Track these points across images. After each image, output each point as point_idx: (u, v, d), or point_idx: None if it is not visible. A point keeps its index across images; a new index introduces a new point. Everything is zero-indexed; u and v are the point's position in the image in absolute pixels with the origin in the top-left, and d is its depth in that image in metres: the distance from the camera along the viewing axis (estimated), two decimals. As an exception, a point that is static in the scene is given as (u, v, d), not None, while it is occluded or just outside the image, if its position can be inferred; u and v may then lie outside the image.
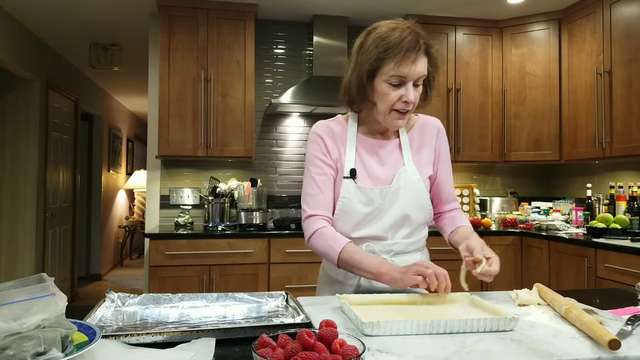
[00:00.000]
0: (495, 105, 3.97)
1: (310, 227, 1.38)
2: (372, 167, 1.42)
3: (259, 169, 3.97)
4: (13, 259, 4.41)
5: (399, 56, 1.27)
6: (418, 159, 1.46)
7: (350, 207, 1.39)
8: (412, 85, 1.31)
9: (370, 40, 1.32)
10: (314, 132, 1.47)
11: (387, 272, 1.24)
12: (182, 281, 3.14)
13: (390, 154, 1.44)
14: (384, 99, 1.33)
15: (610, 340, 0.87)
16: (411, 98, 1.31)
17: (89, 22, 4.08)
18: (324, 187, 1.41)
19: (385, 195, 1.39)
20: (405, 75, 1.29)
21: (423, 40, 1.30)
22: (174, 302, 1.19)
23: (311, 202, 1.40)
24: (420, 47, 1.28)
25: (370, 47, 1.31)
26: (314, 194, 1.40)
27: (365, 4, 3.62)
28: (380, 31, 1.32)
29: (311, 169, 1.43)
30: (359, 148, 1.44)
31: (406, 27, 1.30)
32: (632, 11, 3.11)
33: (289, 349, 0.72)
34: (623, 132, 3.16)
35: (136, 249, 8.62)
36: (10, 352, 0.70)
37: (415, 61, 1.28)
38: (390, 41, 1.28)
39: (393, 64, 1.28)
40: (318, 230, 1.36)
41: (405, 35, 1.28)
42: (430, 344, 0.93)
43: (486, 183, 4.36)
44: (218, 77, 3.53)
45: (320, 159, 1.43)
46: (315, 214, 1.39)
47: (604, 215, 3.07)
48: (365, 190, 1.39)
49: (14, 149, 4.45)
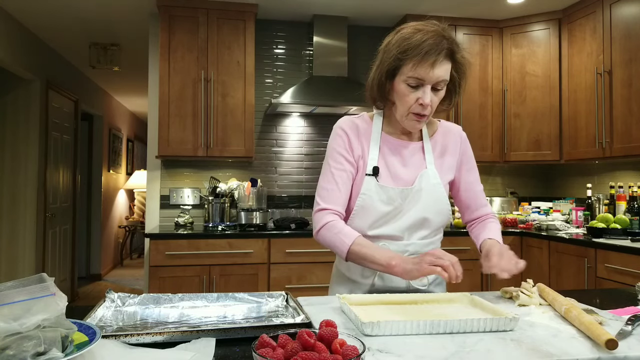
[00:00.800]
0: (495, 105, 3.97)
1: (321, 220, 1.37)
2: (395, 167, 1.42)
3: (259, 169, 3.97)
4: (13, 259, 4.41)
5: (417, 58, 1.26)
6: (440, 163, 1.46)
7: (370, 204, 1.38)
8: (430, 89, 1.30)
9: (394, 40, 1.33)
10: (340, 126, 1.46)
11: (399, 264, 1.23)
12: (182, 281, 3.14)
13: (413, 155, 1.44)
14: (402, 100, 1.34)
15: (608, 340, 0.88)
16: (426, 101, 1.30)
17: (89, 22, 4.08)
18: (341, 183, 1.40)
19: (407, 196, 1.39)
20: (423, 78, 1.28)
21: (447, 45, 1.28)
22: (174, 302, 1.19)
23: (326, 196, 1.39)
24: (441, 51, 1.27)
25: (392, 46, 1.32)
26: (330, 189, 1.40)
27: (365, 4, 3.62)
28: (405, 32, 1.32)
29: (331, 163, 1.42)
30: (382, 147, 1.44)
31: (431, 30, 1.29)
32: (632, 11, 3.11)
33: (289, 349, 0.72)
34: (623, 132, 3.16)
35: (136, 249, 8.62)
36: (10, 352, 0.70)
37: (434, 65, 1.27)
38: (411, 42, 1.28)
39: (411, 65, 1.28)
40: (329, 223, 1.36)
41: (428, 37, 1.27)
42: (431, 344, 0.93)
43: (486, 183, 4.36)
44: (218, 77, 3.53)
45: (342, 155, 1.42)
46: (327, 207, 1.38)
47: (604, 215, 3.07)
48: (386, 189, 1.39)
49: (14, 149, 4.45)
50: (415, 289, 1.41)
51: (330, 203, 1.39)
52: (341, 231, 1.34)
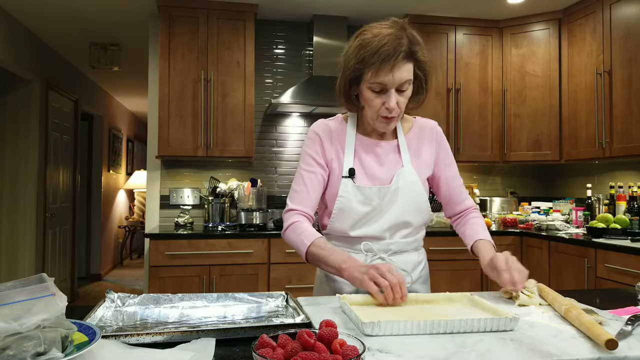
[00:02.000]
0: (495, 105, 3.97)
1: (287, 221, 1.40)
2: (371, 167, 1.43)
3: (259, 169, 3.97)
4: (13, 259, 4.41)
5: (375, 65, 1.27)
6: (416, 160, 1.46)
7: (348, 206, 1.40)
8: (394, 92, 1.31)
9: (352, 48, 1.33)
10: (313, 130, 1.48)
11: (348, 269, 1.23)
12: (182, 281, 3.14)
13: (388, 154, 1.45)
14: (369, 105, 1.35)
15: (608, 340, 0.88)
16: (391, 105, 1.30)
17: (89, 22, 4.08)
18: (310, 186, 1.42)
19: (384, 195, 1.39)
20: (385, 83, 1.29)
21: (405, 47, 1.27)
22: (174, 302, 1.19)
23: (294, 198, 1.42)
24: (398, 54, 1.26)
25: (351, 55, 1.33)
26: (299, 191, 1.42)
27: (365, 4, 3.62)
28: (361, 38, 1.32)
29: (302, 165, 1.45)
30: (357, 148, 1.45)
31: (387, 34, 1.28)
32: (632, 11, 3.11)
33: (289, 349, 0.72)
34: (623, 132, 3.16)
35: (136, 249, 8.62)
36: (10, 352, 0.70)
37: (393, 69, 1.27)
38: (367, 50, 1.28)
39: (371, 72, 1.29)
40: (293, 224, 1.38)
41: (384, 42, 1.26)
42: (431, 344, 0.93)
43: (486, 183, 4.36)
44: (218, 77, 3.53)
45: (313, 157, 1.44)
46: (295, 208, 1.41)
47: (604, 215, 3.07)
48: (363, 190, 1.39)
49: (14, 149, 4.45)
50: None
51: (298, 204, 1.41)
52: (303, 232, 1.35)
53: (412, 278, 1.45)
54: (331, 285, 1.46)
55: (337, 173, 1.43)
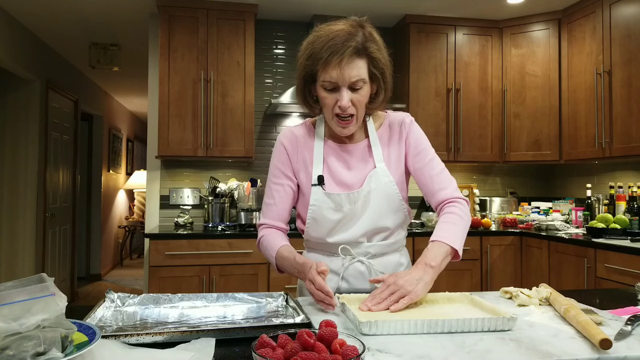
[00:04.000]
0: (495, 105, 3.97)
1: (258, 235, 1.45)
2: (339, 173, 1.39)
3: (258, 169, 3.97)
4: (13, 259, 4.41)
5: (322, 61, 1.24)
6: (388, 158, 1.41)
7: (320, 214, 1.37)
8: (346, 90, 1.26)
9: (303, 46, 1.31)
10: (279, 140, 1.45)
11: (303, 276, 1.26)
12: (182, 281, 3.14)
13: (358, 157, 1.40)
14: (323, 104, 1.32)
15: (602, 339, 0.88)
16: (343, 103, 1.25)
17: (89, 22, 4.08)
18: (277, 198, 1.43)
19: (355, 200, 1.36)
20: (335, 80, 1.25)
21: (358, 42, 1.24)
22: (173, 302, 1.19)
23: (265, 211, 1.45)
24: (346, 49, 1.22)
25: (302, 53, 1.31)
26: (268, 204, 1.44)
27: (365, 4, 3.62)
28: (312, 35, 1.30)
29: (271, 178, 1.45)
30: (325, 154, 1.41)
31: (338, 29, 1.25)
32: (632, 11, 3.11)
33: (289, 349, 0.72)
34: (623, 132, 3.16)
35: (136, 249, 8.62)
36: (10, 352, 0.70)
37: (341, 63, 1.22)
38: (315, 46, 1.26)
39: (320, 69, 1.26)
40: (261, 239, 1.43)
41: (332, 37, 1.24)
42: (430, 343, 0.93)
43: (486, 183, 4.36)
44: (218, 77, 3.53)
45: (280, 169, 1.43)
46: (264, 222, 1.45)
47: (604, 216, 3.07)
48: (332, 197, 1.36)
49: (14, 149, 4.45)
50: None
51: (267, 218, 1.44)
52: (268, 245, 1.40)
53: None
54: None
55: (305, 182, 1.40)
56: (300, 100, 1.39)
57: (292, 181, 1.43)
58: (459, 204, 1.36)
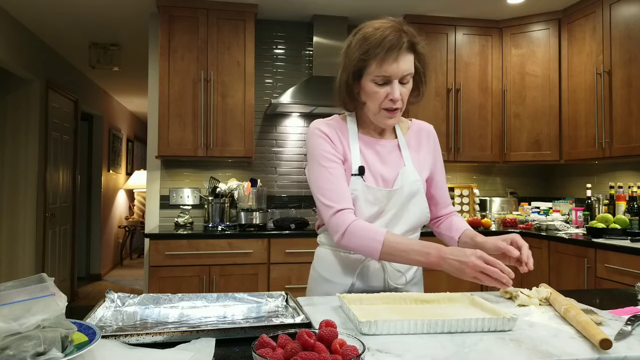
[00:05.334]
0: (495, 105, 3.97)
1: (343, 222, 1.29)
2: (375, 166, 1.42)
3: (259, 169, 3.97)
4: (13, 259, 4.41)
5: (380, 56, 1.28)
6: (417, 160, 1.47)
7: (357, 204, 1.37)
8: (397, 83, 1.32)
9: (355, 42, 1.34)
10: (317, 128, 1.41)
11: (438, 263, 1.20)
12: (182, 281, 3.14)
13: (391, 153, 1.45)
14: (372, 98, 1.35)
15: (602, 339, 0.88)
16: (396, 96, 1.31)
17: (89, 22, 4.08)
18: (342, 181, 1.35)
19: (391, 197, 1.39)
20: (389, 74, 1.30)
21: (407, 38, 1.30)
22: (173, 302, 1.19)
23: (335, 197, 1.32)
24: (402, 44, 1.29)
25: (354, 48, 1.33)
26: (336, 189, 1.33)
27: (365, 4, 3.62)
28: (363, 32, 1.33)
29: (324, 163, 1.36)
30: (361, 146, 1.43)
31: (389, 26, 1.31)
32: (632, 11, 3.11)
33: (289, 349, 0.72)
34: (623, 132, 3.16)
35: (136, 249, 8.62)
36: (10, 352, 0.70)
37: (398, 59, 1.29)
38: (372, 42, 1.29)
39: (375, 63, 1.30)
40: (352, 225, 1.29)
41: (387, 34, 1.29)
42: (430, 344, 0.93)
43: (486, 183, 4.36)
44: (218, 78, 3.53)
45: (332, 153, 1.38)
46: (343, 207, 1.31)
47: (604, 216, 3.07)
48: (373, 190, 1.38)
49: (14, 149, 4.45)
50: (395, 288, 1.41)
51: (342, 202, 1.32)
52: (367, 231, 1.28)
53: (407, 279, 1.45)
54: (325, 287, 1.45)
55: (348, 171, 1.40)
56: (345, 95, 1.40)
57: (343, 162, 1.40)
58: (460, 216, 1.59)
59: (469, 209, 4.05)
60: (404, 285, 1.43)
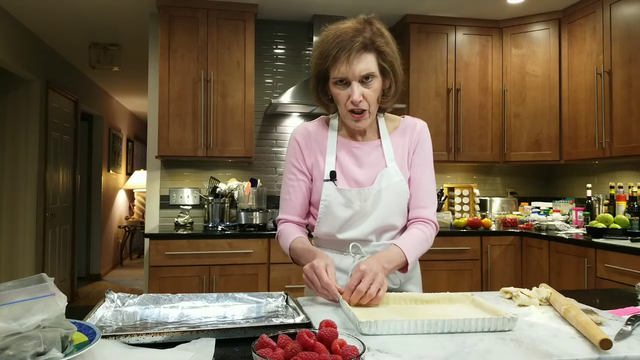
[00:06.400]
0: (495, 105, 3.97)
1: (277, 231, 1.50)
2: (350, 170, 1.41)
3: (259, 169, 3.97)
4: (13, 259, 4.41)
5: (332, 58, 1.29)
6: (401, 160, 1.43)
7: (331, 209, 1.39)
8: (357, 85, 1.29)
9: (314, 46, 1.37)
10: (292, 136, 1.49)
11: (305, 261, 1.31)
12: (182, 281, 3.14)
13: (369, 155, 1.43)
14: (337, 101, 1.36)
15: (602, 339, 0.88)
16: (355, 97, 1.29)
17: (89, 22, 4.08)
18: (293, 193, 1.46)
19: (366, 198, 1.38)
20: (345, 76, 1.29)
21: (365, 37, 1.28)
22: (173, 302, 1.19)
23: (283, 207, 1.49)
24: (354, 45, 1.27)
25: (314, 52, 1.36)
26: (285, 199, 1.48)
27: (365, 4, 3.62)
28: (322, 35, 1.35)
29: (286, 174, 1.48)
30: (338, 151, 1.43)
31: (345, 27, 1.31)
32: (632, 11, 3.11)
33: (289, 349, 0.72)
34: (623, 132, 3.16)
35: (136, 249, 8.62)
36: (10, 352, 0.70)
37: (351, 60, 1.27)
38: (325, 45, 1.31)
39: (332, 66, 1.30)
40: (278, 234, 1.48)
41: (340, 35, 1.29)
42: (431, 344, 0.93)
43: (486, 183, 4.36)
44: (218, 77, 3.53)
45: (294, 165, 1.46)
46: (282, 217, 1.48)
47: (604, 216, 3.07)
48: (344, 192, 1.38)
49: (14, 149, 4.45)
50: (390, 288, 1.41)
51: (285, 213, 1.48)
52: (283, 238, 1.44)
53: (401, 280, 1.44)
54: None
55: (318, 177, 1.43)
56: (315, 99, 1.44)
57: (307, 177, 1.46)
58: (431, 227, 1.42)
59: (469, 209, 4.05)
60: (397, 286, 1.43)
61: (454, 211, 4.05)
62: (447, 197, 4.09)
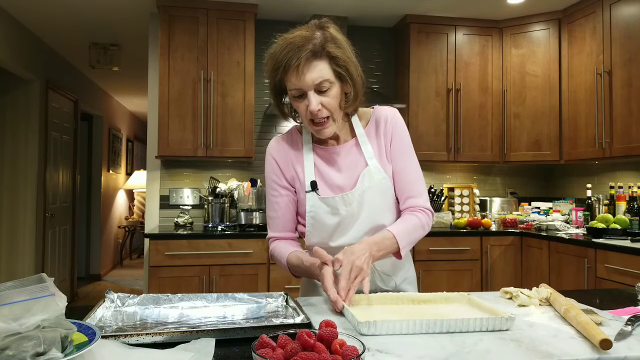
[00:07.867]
0: (495, 105, 3.97)
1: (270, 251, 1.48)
2: (331, 176, 1.38)
3: (258, 169, 3.97)
4: (13, 259, 4.41)
5: (282, 70, 1.24)
6: (379, 154, 1.39)
7: (318, 220, 1.37)
8: (314, 94, 1.25)
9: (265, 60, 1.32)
10: (268, 153, 1.45)
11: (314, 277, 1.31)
12: (181, 281, 3.14)
13: (347, 157, 1.39)
14: (298, 112, 1.33)
15: (602, 340, 0.88)
16: (312, 107, 1.25)
17: (89, 22, 4.08)
18: (279, 210, 1.43)
19: (350, 202, 1.35)
20: (299, 87, 1.25)
21: (315, 45, 1.23)
22: (173, 302, 1.19)
23: (271, 225, 1.46)
24: (303, 52, 1.21)
25: (266, 66, 1.31)
26: (272, 217, 1.45)
27: (365, 4, 3.62)
28: (271, 47, 1.30)
29: (269, 191, 1.45)
30: (315, 159, 1.40)
31: (292, 37, 1.25)
32: (632, 11, 3.11)
33: (289, 349, 0.72)
34: (623, 132, 3.16)
35: (136, 249, 8.62)
36: (10, 352, 0.70)
37: (301, 70, 1.22)
38: (274, 58, 1.26)
39: (285, 78, 1.27)
40: (271, 253, 1.46)
41: (288, 44, 1.23)
42: (430, 344, 0.93)
43: (486, 183, 4.36)
44: (218, 78, 3.53)
45: (275, 181, 1.43)
46: (272, 236, 1.46)
47: (604, 216, 3.07)
48: (327, 201, 1.35)
49: (13, 149, 4.45)
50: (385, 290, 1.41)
51: (273, 231, 1.45)
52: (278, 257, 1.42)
53: (397, 282, 1.44)
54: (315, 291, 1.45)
55: (301, 189, 1.40)
56: (280, 113, 1.40)
57: (290, 190, 1.43)
58: (425, 214, 1.38)
59: (469, 209, 4.05)
60: (393, 288, 1.43)
61: (454, 211, 4.05)
62: (447, 197, 4.09)
